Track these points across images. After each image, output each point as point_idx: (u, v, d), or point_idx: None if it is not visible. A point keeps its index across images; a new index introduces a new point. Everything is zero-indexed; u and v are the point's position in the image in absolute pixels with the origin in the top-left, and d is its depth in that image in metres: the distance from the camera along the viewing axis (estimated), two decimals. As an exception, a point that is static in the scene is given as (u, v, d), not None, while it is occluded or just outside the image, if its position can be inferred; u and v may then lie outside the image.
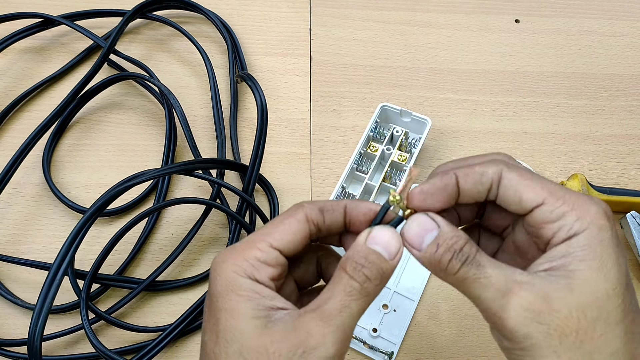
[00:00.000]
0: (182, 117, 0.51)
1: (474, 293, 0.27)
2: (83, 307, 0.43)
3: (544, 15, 0.67)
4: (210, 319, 0.27)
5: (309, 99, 0.59)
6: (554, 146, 0.58)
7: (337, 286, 0.27)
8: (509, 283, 0.26)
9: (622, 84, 0.62)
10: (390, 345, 0.47)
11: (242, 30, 0.63)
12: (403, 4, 0.66)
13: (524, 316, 0.25)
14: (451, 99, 0.60)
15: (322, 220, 0.29)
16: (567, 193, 0.27)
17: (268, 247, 0.28)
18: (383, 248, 0.28)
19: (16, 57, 0.60)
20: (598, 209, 0.26)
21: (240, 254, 0.27)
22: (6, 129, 0.55)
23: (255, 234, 0.29)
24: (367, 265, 0.27)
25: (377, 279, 0.27)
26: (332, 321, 0.26)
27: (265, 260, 0.27)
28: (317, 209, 0.29)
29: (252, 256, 0.27)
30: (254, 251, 0.27)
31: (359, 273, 0.27)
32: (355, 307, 0.27)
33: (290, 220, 0.29)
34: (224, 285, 0.27)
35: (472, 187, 0.29)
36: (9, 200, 0.52)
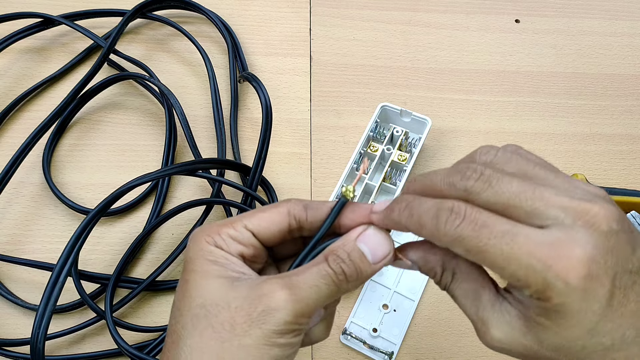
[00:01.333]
0: (182, 117, 0.51)
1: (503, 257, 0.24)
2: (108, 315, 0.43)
3: (544, 15, 0.67)
4: (180, 281, 0.28)
5: (309, 99, 0.59)
6: (554, 146, 0.58)
7: (313, 267, 0.27)
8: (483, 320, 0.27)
9: (622, 84, 0.62)
10: (390, 345, 0.47)
11: (242, 30, 0.63)
12: (403, 4, 0.66)
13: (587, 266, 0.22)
14: (451, 99, 0.60)
15: (304, 216, 0.29)
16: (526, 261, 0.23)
17: (242, 227, 0.29)
18: (370, 250, 0.28)
19: (16, 57, 0.60)
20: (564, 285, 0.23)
21: (215, 229, 0.29)
22: (6, 129, 0.55)
23: (236, 215, 0.30)
24: (347, 261, 0.27)
25: (352, 277, 0.27)
26: (297, 291, 0.26)
27: (236, 237, 0.28)
28: (302, 205, 0.29)
29: (225, 232, 0.28)
30: (227, 228, 0.28)
31: (337, 265, 0.27)
32: (324, 290, 0.27)
33: (271, 209, 0.29)
34: (196, 251, 0.28)
35: None
36: (9, 200, 0.52)
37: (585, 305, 0.23)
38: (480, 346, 0.48)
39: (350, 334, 0.47)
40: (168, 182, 0.53)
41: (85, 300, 0.44)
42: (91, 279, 0.47)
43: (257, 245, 0.29)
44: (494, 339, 0.26)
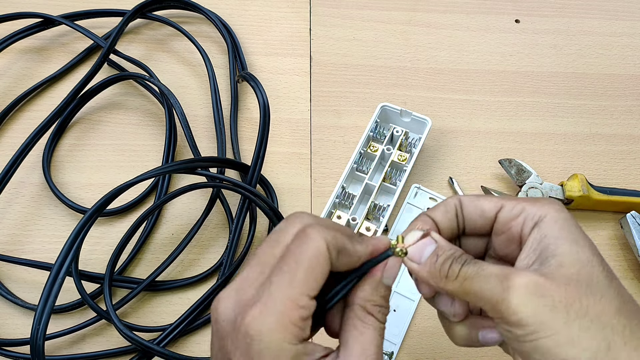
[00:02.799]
0: (182, 117, 0.51)
1: (475, 288, 0.27)
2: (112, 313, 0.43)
3: (544, 15, 0.67)
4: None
5: (309, 99, 0.59)
6: (554, 146, 0.58)
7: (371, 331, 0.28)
8: (506, 270, 0.27)
9: (622, 84, 0.62)
10: (390, 345, 0.47)
11: (242, 30, 0.63)
12: (403, 4, 0.66)
13: (527, 293, 0.26)
14: (451, 99, 0.60)
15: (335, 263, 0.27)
16: (520, 197, 0.31)
17: (308, 300, 0.25)
18: (391, 280, 0.29)
19: (16, 57, 0.60)
20: (548, 200, 0.30)
21: (286, 317, 0.25)
22: (6, 129, 0.55)
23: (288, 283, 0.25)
24: (385, 305, 0.29)
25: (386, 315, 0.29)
26: None
27: (309, 316, 0.26)
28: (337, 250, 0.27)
29: (297, 317, 0.25)
30: (298, 311, 0.25)
31: (382, 315, 0.28)
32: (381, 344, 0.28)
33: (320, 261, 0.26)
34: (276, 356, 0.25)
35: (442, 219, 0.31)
36: (9, 200, 0.52)
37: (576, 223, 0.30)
38: (480, 346, 0.48)
39: (350, 334, 0.46)
40: (168, 181, 0.53)
41: (86, 299, 0.44)
42: (91, 279, 0.47)
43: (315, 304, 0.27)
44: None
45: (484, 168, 0.56)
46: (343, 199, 0.51)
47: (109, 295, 0.44)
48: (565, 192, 0.52)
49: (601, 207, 0.54)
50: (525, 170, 0.53)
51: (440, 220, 0.31)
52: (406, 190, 0.54)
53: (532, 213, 0.29)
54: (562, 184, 0.53)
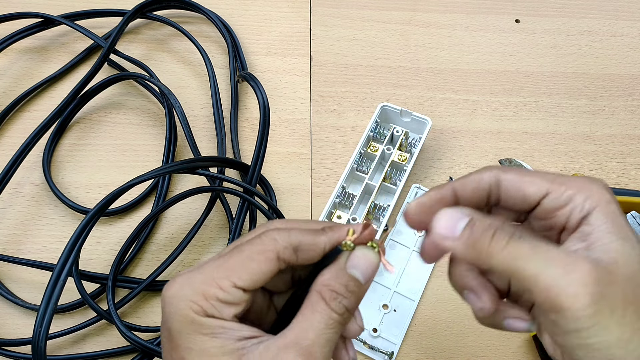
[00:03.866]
0: (182, 117, 0.51)
1: (529, 270, 0.24)
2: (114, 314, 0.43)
3: (544, 15, 0.67)
4: (174, 355, 0.25)
5: (309, 99, 0.59)
6: (554, 146, 0.58)
7: (316, 316, 0.26)
8: (570, 257, 0.24)
9: (622, 84, 0.62)
10: (390, 345, 0.47)
11: (242, 30, 0.63)
12: (403, 4, 0.66)
13: (594, 288, 0.24)
14: (451, 99, 0.60)
15: (294, 259, 0.27)
16: (567, 178, 0.27)
17: (231, 287, 0.25)
18: (361, 273, 0.27)
19: (16, 57, 0.60)
20: (600, 186, 0.27)
21: (199, 292, 0.25)
22: (6, 129, 0.55)
23: (217, 266, 0.26)
24: (347, 295, 0.26)
25: (354, 307, 0.27)
26: (313, 356, 0.25)
27: (227, 300, 0.25)
28: (292, 248, 0.26)
29: (212, 295, 0.25)
30: (214, 290, 0.25)
31: (339, 305, 0.26)
32: (334, 337, 0.26)
33: (259, 258, 0.26)
34: (185, 323, 0.25)
35: (471, 195, 0.28)
36: (9, 200, 0.52)
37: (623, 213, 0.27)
38: (480, 346, 0.48)
39: (351, 334, 0.47)
40: (168, 181, 0.53)
41: (86, 300, 0.44)
42: (92, 279, 0.47)
43: (248, 298, 0.26)
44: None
45: (484, 168, 0.56)
46: (343, 199, 0.51)
47: (111, 296, 0.44)
48: (565, 192, 0.52)
49: (601, 207, 0.54)
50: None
51: (467, 197, 0.28)
52: (406, 190, 0.54)
53: (581, 204, 0.26)
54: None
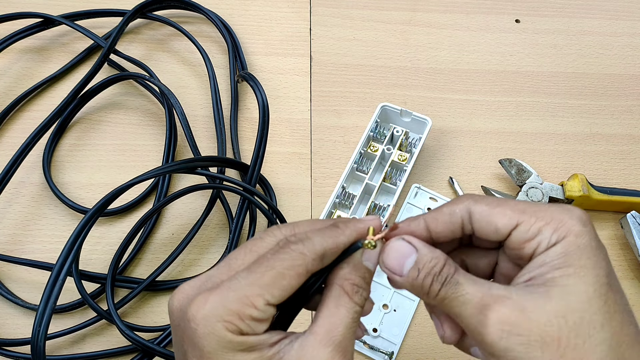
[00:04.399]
0: (182, 117, 0.51)
1: (454, 311, 0.27)
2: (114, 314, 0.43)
3: (544, 15, 0.67)
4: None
5: (309, 99, 0.59)
6: (554, 146, 0.58)
7: (342, 310, 0.27)
8: (486, 298, 0.26)
9: (622, 84, 0.62)
10: (390, 345, 0.47)
11: (243, 30, 0.63)
12: (403, 4, 0.66)
13: (502, 329, 0.25)
14: (451, 99, 0.60)
15: (321, 266, 0.27)
16: (539, 209, 0.27)
17: (265, 306, 0.25)
18: (372, 263, 0.28)
19: (16, 57, 0.60)
20: (572, 217, 0.27)
21: (235, 312, 0.25)
22: (6, 129, 0.55)
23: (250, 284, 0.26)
24: (365, 287, 0.28)
25: (368, 296, 0.28)
26: (348, 352, 0.26)
27: (262, 318, 0.25)
28: (319, 258, 0.27)
29: (248, 315, 0.25)
30: (249, 310, 0.25)
31: (360, 297, 0.27)
32: (354, 326, 0.27)
33: (290, 274, 0.26)
34: (221, 344, 0.25)
35: (443, 229, 0.29)
36: (9, 200, 0.52)
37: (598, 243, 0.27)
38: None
39: (351, 334, 0.46)
40: (168, 181, 0.53)
41: (86, 299, 0.44)
42: (92, 279, 0.47)
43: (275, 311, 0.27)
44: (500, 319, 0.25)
45: (484, 168, 0.56)
46: (343, 199, 0.51)
47: (111, 295, 0.44)
48: (565, 192, 0.52)
49: (601, 207, 0.54)
50: (526, 170, 0.53)
51: (439, 230, 0.29)
52: (406, 190, 0.54)
53: (548, 237, 0.26)
54: (562, 184, 0.53)
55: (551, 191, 0.52)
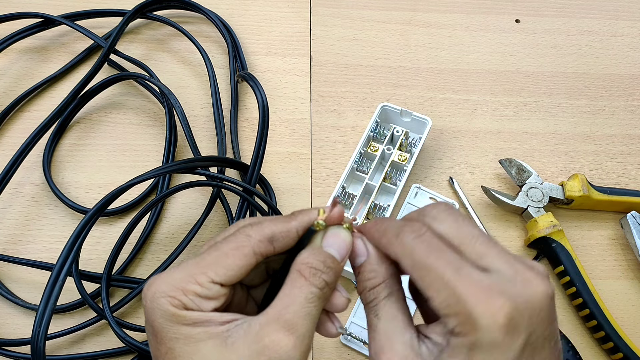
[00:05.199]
0: (182, 117, 0.51)
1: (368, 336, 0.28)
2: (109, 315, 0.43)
3: (544, 15, 0.67)
4: (161, 348, 0.26)
5: (309, 99, 0.59)
6: (554, 146, 0.58)
7: (296, 291, 0.27)
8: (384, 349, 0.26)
9: (623, 84, 0.62)
10: (390, 345, 0.47)
11: (243, 30, 0.63)
12: (403, 4, 0.66)
13: None
14: (451, 99, 0.60)
15: (271, 250, 0.28)
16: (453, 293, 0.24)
17: (209, 283, 0.26)
18: (336, 250, 0.28)
19: (16, 57, 0.60)
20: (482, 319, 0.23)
21: (178, 288, 0.26)
22: (6, 129, 0.55)
23: (195, 264, 0.27)
24: (325, 270, 0.27)
25: (333, 282, 0.28)
26: (296, 331, 0.26)
27: (206, 295, 0.26)
28: (267, 240, 0.28)
29: (191, 291, 0.26)
30: (192, 286, 0.26)
31: (318, 279, 0.27)
32: (315, 312, 0.27)
33: (235, 254, 0.27)
34: (166, 317, 0.26)
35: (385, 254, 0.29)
36: (9, 200, 0.52)
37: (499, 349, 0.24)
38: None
39: (351, 334, 0.47)
40: (168, 181, 0.53)
41: (86, 299, 0.44)
42: (91, 279, 0.47)
43: (227, 293, 0.27)
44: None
45: (484, 168, 0.56)
46: (343, 199, 0.51)
47: (106, 296, 0.44)
48: (565, 192, 0.52)
49: (601, 207, 0.54)
50: (526, 170, 0.53)
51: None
52: (406, 190, 0.54)
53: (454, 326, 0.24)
54: (563, 184, 0.53)
55: (551, 191, 0.52)
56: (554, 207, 0.54)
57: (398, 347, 0.26)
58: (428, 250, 0.25)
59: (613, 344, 0.46)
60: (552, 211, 0.53)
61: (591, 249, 0.52)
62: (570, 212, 0.54)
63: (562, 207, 0.54)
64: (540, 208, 0.51)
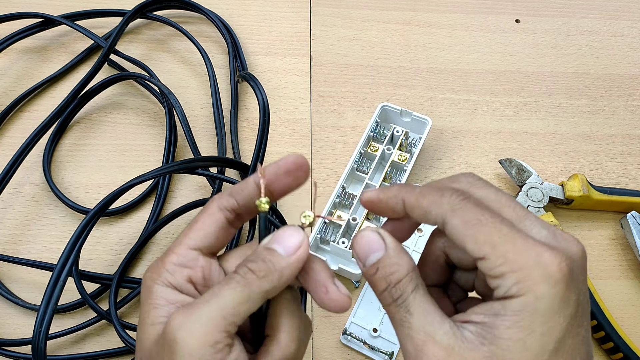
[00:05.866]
0: (182, 117, 0.51)
1: (398, 335, 0.26)
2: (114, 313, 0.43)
3: (544, 15, 0.67)
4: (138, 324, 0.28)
5: (309, 99, 0.59)
6: (554, 146, 0.58)
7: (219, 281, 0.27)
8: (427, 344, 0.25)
9: (623, 84, 0.62)
10: (390, 345, 0.47)
11: (243, 30, 0.63)
12: (403, 4, 0.66)
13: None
14: (451, 99, 0.60)
15: (235, 203, 0.28)
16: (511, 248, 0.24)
17: (185, 250, 0.27)
18: (279, 244, 0.26)
19: (16, 57, 0.60)
20: (544, 273, 0.23)
21: (160, 262, 0.27)
22: (6, 129, 0.55)
23: (176, 239, 0.28)
24: (253, 259, 0.26)
25: (262, 271, 0.25)
26: (195, 310, 0.24)
27: (182, 262, 0.27)
28: (227, 195, 0.28)
29: (169, 262, 0.27)
30: (171, 256, 0.27)
31: (242, 267, 0.26)
32: (228, 294, 0.25)
33: (203, 216, 0.28)
34: (144, 296, 0.27)
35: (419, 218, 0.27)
36: (9, 200, 0.52)
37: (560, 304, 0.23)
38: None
39: (351, 334, 0.47)
40: (168, 181, 0.53)
41: (87, 300, 0.44)
42: (92, 279, 0.47)
43: (205, 261, 0.28)
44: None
45: (484, 168, 0.56)
46: (343, 199, 0.51)
47: (114, 298, 0.44)
48: (565, 192, 0.52)
49: (601, 207, 0.54)
50: (526, 170, 0.53)
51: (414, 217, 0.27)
52: (406, 190, 0.54)
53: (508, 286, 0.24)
54: (563, 184, 0.53)
55: (551, 191, 0.52)
56: (554, 207, 0.54)
57: (441, 339, 0.24)
58: (480, 208, 0.25)
59: (613, 344, 0.46)
60: (552, 211, 0.53)
61: (591, 249, 0.52)
62: (570, 212, 0.54)
63: (562, 207, 0.54)
64: (540, 208, 0.51)
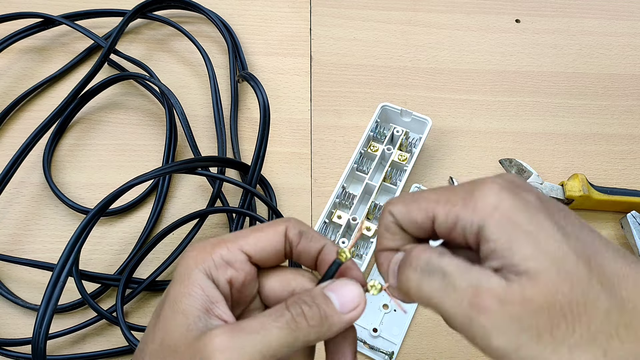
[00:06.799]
0: (182, 117, 0.51)
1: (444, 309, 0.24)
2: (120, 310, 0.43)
3: (544, 15, 0.67)
4: (164, 296, 0.27)
5: (310, 99, 0.59)
6: (554, 146, 0.58)
7: (268, 312, 0.25)
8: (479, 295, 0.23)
9: (623, 84, 0.62)
10: (390, 345, 0.47)
11: (243, 30, 0.63)
12: (403, 4, 0.66)
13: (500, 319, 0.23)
14: (451, 99, 0.60)
15: (297, 242, 0.28)
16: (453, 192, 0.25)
17: (237, 250, 0.27)
18: (337, 298, 0.26)
19: (16, 57, 0.60)
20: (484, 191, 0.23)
21: (209, 248, 0.27)
22: (6, 129, 0.55)
23: (232, 233, 0.28)
24: (309, 303, 0.25)
25: (314, 319, 0.25)
26: (240, 337, 0.24)
27: (229, 260, 0.27)
28: (298, 230, 0.28)
29: (217, 253, 0.27)
30: (221, 249, 0.27)
31: (296, 307, 0.25)
32: (275, 333, 0.24)
33: (269, 229, 0.28)
34: (181, 273, 0.26)
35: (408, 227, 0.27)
36: (9, 200, 0.52)
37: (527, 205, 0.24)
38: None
39: (351, 334, 0.47)
40: (168, 181, 0.53)
41: (87, 300, 0.44)
42: (92, 279, 0.47)
43: (250, 269, 0.27)
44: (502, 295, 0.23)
45: (484, 168, 0.56)
46: (343, 199, 0.51)
47: (121, 299, 0.44)
48: (565, 192, 0.52)
49: (601, 207, 0.54)
50: (526, 170, 0.53)
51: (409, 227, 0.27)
52: (407, 190, 0.54)
53: (470, 220, 0.24)
54: (563, 184, 0.53)
55: (551, 191, 0.52)
56: (554, 207, 0.54)
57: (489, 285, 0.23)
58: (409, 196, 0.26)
59: (613, 344, 0.46)
60: (552, 211, 0.53)
61: (591, 249, 0.52)
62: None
63: (562, 207, 0.54)
64: (540, 208, 0.51)
